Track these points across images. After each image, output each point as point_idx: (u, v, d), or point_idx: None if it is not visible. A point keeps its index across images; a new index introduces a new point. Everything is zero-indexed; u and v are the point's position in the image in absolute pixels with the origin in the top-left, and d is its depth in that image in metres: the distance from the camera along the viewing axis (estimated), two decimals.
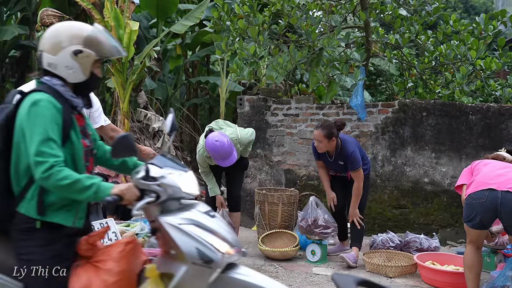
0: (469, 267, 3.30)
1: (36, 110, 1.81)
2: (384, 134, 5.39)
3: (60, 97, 1.88)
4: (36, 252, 1.82)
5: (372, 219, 5.40)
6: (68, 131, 1.88)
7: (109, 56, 1.97)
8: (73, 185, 1.76)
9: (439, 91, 6.25)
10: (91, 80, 1.96)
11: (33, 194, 1.85)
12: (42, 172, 1.74)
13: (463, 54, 5.35)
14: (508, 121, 4.87)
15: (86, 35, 1.90)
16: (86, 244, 1.93)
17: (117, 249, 1.92)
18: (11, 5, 9.35)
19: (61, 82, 1.91)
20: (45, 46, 1.91)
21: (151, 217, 1.92)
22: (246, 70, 5.74)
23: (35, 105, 1.81)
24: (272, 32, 6.06)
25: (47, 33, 1.93)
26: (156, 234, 1.95)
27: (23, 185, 1.86)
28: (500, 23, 5.38)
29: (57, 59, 1.89)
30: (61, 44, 1.88)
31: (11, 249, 1.88)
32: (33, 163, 1.76)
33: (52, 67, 1.90)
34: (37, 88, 1.90)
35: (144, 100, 7.47)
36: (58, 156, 1.78)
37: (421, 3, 5.58)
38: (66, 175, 1.76)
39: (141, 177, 1.87)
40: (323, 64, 5.66)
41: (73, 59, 1.88)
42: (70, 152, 1.89)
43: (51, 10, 6.36)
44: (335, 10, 6.10)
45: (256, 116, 6.05)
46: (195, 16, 7.35)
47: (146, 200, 1.83)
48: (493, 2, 23.98)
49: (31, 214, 1.84)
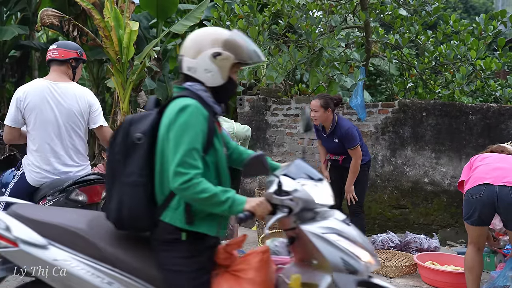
0: (469, 269, 3.29)
1: (183, 117, 1.78)
2: (384, 134, 5.39)
3: (203, 103, 1.86)
4: (181, 264, 1.81)
5: (372, 219, 5.40)
6: (212, 139, 1.85)
7: (247, 60, 1.92)
8: (210, 199, 1.74)
9: (439, 91, 6.25)
10: (229, 85, 1.93)
11: (178, 203, 1.82)
12: (181, 184, 1.72)
13: (463, 54, 5.35)
14: (508, 121, 4.87)
15: (225, 38, 1.88)
16: (224, 252, 1.91)
17: (255, 258, 1.89)
18: (11, 5, 9.35)
19: (203, 87, 1.89)
20: (185, 51, 1.91)
21: (287, 225, 1.90)
22: (246, 70, 5.75)
23: (182, 111, 1.79)
24: (272, 32, 6.06)
25: (188, 38, 1.93)
26: (293, 243, 1.92)
27: (167, 194, 1.84)
28: (500, 23, 5.38)
29: (196, 63, 1.88)
30: (201, 48, 1.87)
31: (149, 257, 1.87)
32: (174, 172, 1.73)
33: (192, 71, 1.89)
34: (181, 93, 1.88)
35: (144, 100, 7.46)
36: (199, 167, 1.76)
37: (421, 3, 5.58)
38: (204, 188, 1.73)
39: (273, 191, 1.84)
40: (323, 64, 5.66)
41: (212, 62, 1.87)
42: (213, 160, 1.87)
43: (51, 10, 6.35)
44: (335, 10, 6.10)
45: (256, 116, 6.05)
46: (195, 16, 7.34)
47: (278, 216, 1.81)
48: (493, 2, 23.98)
49: (177, 223, 1.82)
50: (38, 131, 3.09)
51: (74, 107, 3.17)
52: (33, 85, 3.15)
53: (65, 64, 3.21)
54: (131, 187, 1.84)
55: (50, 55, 3.21)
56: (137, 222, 1.86)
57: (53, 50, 3.21)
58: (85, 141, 3.31)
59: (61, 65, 3.21)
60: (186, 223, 1.81)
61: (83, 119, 3.22)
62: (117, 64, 6.55)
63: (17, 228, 1.90)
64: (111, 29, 6.40)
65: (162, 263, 1.84)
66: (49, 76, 3.20)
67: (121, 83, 6.66)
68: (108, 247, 1.88)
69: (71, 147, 3.17)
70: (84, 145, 3.29)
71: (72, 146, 3.18)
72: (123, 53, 6.47)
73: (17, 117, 3.09)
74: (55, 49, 3.21)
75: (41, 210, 2.25)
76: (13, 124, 3.11)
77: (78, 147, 3.22)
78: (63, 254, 1.87)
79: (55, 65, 3.21)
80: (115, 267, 1.86)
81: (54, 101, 3.10)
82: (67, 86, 3.19)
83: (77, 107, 3.18)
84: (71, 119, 3.16)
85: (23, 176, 3.17)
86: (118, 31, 6.42)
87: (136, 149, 1.85)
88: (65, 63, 3.21)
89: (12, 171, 3.51)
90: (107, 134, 3.39)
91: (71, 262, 1.86)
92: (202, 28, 1.97)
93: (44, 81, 3.17)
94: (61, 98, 3.13)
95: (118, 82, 6.67)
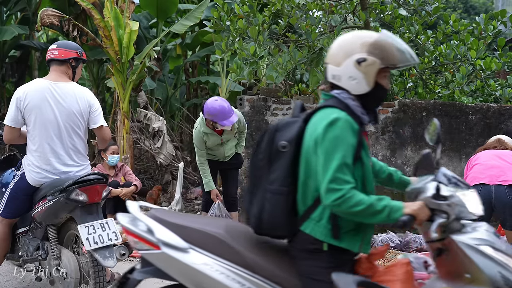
0: None
1: (334, 131, 1.73)
2: (384, 134, 5.39)
3: (351, 113, 1.79)
4: (322, 274, 1.78)
5: None
6: (360, 152, 1.80)
7: (396, 63, 1.80)
8: (366, 210, 1.70)
9: (439, 91, 6.24)
10: (376, 91, 1.82)
11: (320, 215, 1.80)
12: (334, 200, 1.68)
13: (463, 54, 5.35)
14: (508, 121, 4.87)
15: (371, 42, 1.79)
16: (366, 263, 1.87)
17: (401, 270, 1.83)
18: (11, 5, 9.34)
19: (351, 96, 1.82)
20: (330, 58, 1.86)
21: (432, 237, 1.84)
22: (246, 70, 5.74)
23: (332, 125, 1.73)
24: (272, 32, 6.06)
25: (333, 45, 1.87)
26: (440, 255, 1.86)
27: (309, 204, 1.82)
28: (500, 23, 5.38)
29: (340, 70, 1.81)
30: (345, 54, 1.80)
31: (288, 264, 1.87)
32: (326, 189, 1.70)
33: (336, 79, 1.83)
34: (328, 103, 1.82)
35: (144, 100, 7.46)
36: (351, 182, 1.72)
37: (421, 3, 5.58)
38: (358, 200, 1.69)
39: (431, 195, 1.79)
40: (323, 64, 5.66)
41: (356, 69, 1.78)
42: (360, 173, 1.82)
43: (51, 10, 6.35)
44: (335, 10, 6.10)
45: (256, 116, 6.05)
46: (195, 16, 7.34)
47: (439, 220, 1.74)
48: (493, 2, 23.97)
49: (318, 235, 1.79)
50: (38, 131, 3.09)
51: (74, 107, 3.17)
52: (33, 85, 3.15)
53: (65, 64, 3.21)
54: (273, 194, 1.83)
55: (50, 55, 3.21)
56: (276, 229, 1.86)
57: (53, 50, 3.21)
58: (85, 141, 3.31)
59: (61, 65, 3.21)
60: (332, 238, 1.78)
61: (83, 119, 3.22)
62: (117, 64, 6.55)
63: (159, 231, 1.88)
64: (111, 29, 6.40)
65: (303, 272, 1.82)
66: (49, 76, 3.20)
67: (121, 83, 6.66)
68: (248, 253, 1.87)
69: (71, 147, 3.17)
70: (84, 145, 3.29)
71: (72, 146, 3.18)
72: (123, 53, 6.47)
73: (17, 117, 3.09)
74: (55, 49, 3.21)
75: (176, 214, 2.29)
76: (13, 124, 3.11)
77: (78, 147, 3.22)
78: (203, 258, 1.86)
79: (55, 65, 3.21)
80: (255, 273, 1.84)
81: (54, 101, 3.10)
82: (67, 86, 3.19)
83: (77, 107, 3.18)
84: (71, 119, 3.16)
85: (23, 176, 3.17)
86: (118, 31, 6.42)
87: (280, 157, 1.83)
88: (65, 63, 3.21)
89: (12, 171, 3.51)
90: (107, 134, 3.40)
91: (211, 266, 1.84)
92: (347, 33, 1.89)
93: (44, 81, 3.17)
94: (61, 98, 3.13)
95: (118, 82, 6.67)
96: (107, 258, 2.86)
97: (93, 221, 2.94)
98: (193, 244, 1.88)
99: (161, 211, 2.05)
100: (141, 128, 7.34)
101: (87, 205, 2.98)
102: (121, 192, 5.28)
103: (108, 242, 2.91)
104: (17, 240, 3.43)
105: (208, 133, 4.43)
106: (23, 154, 3.30)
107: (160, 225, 1.91)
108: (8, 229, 3.30)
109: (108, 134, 3.41)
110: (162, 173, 7.66)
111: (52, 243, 3.12)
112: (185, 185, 7.58)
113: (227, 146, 4.62)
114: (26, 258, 3.31)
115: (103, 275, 2.97)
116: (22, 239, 3.39)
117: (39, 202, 3.14)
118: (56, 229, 3.18)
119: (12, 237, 3.38)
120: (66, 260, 3.06)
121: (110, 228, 2.97)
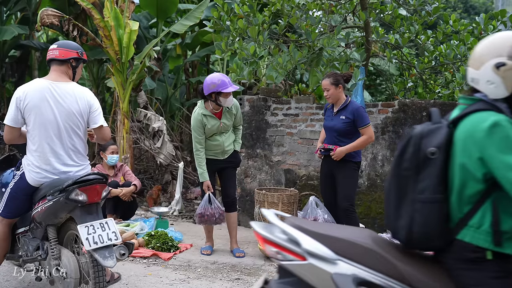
0: None
1: (502, 132, 1.68)
2: (384, 134, 5.39)
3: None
4: (488, 284, 1.71)
5: (372, 219, 5.40)
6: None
7: None
8: None
9: (439, 91, 6.25)
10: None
11: (480, 221, 1.73)
12: None
13: (463, 54, 5.35)
14: None
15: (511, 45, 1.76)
16: None
17: None
18: (11, 5, 9.34)
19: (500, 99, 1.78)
20: (471, 61, 1.84)
21: None
22: (246, 70, 5.75)
23: (496, 127, 1.69)
24: (272, 32, 6.06)
25: (476, 49, 1.85)
26: None
27: (466, 211, 1.76)
28: (500, 23, 5.38)
29: (479, 74, 1.80)
30: (484, 58, 1.79)
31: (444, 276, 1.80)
32: None
33: (475, 82, 1.83)
34: (479, 107, 1.79)
35: (144, 100, 7.46)
36: None
37: (421, 3, 5.58)
38: None
39: None
40: (323, 64, 5.66)
41: (494, 73, 1.76)
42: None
43: (51, 10, 6.35)
44: (335, 10, 6.11)
45: (256, 116, 6.05)
46: (195, 16, 7.35)
47: None
48: (493, 2, 23.96)
49: (480, 243, 1.72)
50: (38, 131, 3.09)
51: (74, 107, 3.17)
52: (33, 85, 3.14)
53: (65, 64, 3.21)
54: (424, 204, 1.78)
55: (50, 55, 3.21)
56: (429, 241, 1.81)
57: (54, 49, 3.21)
58: (85, 141, 3.31)
59: (61, 65, 3.21)
60: (493, 244, 1.71)
61: (83, 119, 3.22)
62: (117, 64, 6.56)
63: (306, 241, 1.82)
64: (111, 29, 6.40)
65: (465, 283, 1.75)
66: (49, 76, 3.20)
67: (121, 83, 6.66)
68: (401, 264, 1.78)
69: (70, 147, 3.17)
70: (84, 145, 3.28)
71: (71, 146, 3.18)
72: (123, 53, 6.47)
73: (17, 116, 3.09)
74: (55, 49, 3.21)
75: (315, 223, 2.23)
76: (13, 124, 3.11)
77: (78, 147, 3.22)
78: (353, 270, 1.78)
79: (55, 64, 3.21)
80: (411, 286, 1.75)
81: (54, 101, 3.10)
82: (67, 86, 3.19)
83: (77, 107, 3.18)
84: (70, 119, 3.16)
85: (23, 176, 3.17)
86: (118, 31, 6.42)
87: (429, 164, 1.78)
88: (65, 63, 3.21)
89: (12, 171, 3.51)
90: (107, 134, 3.39)
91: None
92: (489, 37, 1.86)
93: (44, 81, 3.17)
94: (61, 98, 3.13)
95: (118, 82, 6.67)
96: (107, 258, 2.85)
97: (93, 221, 2.94)
98: (341, 255, 1.81)
99: (300, 220, 1.99)
100: (141, 128, 7.34)
101: (87, 205, 2.97)
102: (121, 192, 5.28)
103: (108, 242, 2.91)
104: (17, 240, 3.43)
105: (208, 116, 4.46)
106: (23, 154, 3.30)
107: (305, 235, 1.84)
108: (8, 229, 3.30)
109: (108, 134, 3.41)
110: (162, 173, 7.67)
111: (52, 243, 3.11)
112: (185, 185, 7.59)
113: (226, 139, 4.59)
114: (26, 258, 3.30)
115: (103, 275, 2.96)
116: (22, 239, 3.39)
117: (39, 202, 3.14)
118: (56, 229, 3.17)
119: (12, 237, 3.38)
120: (66, 260, 3.06)
121: (109, 228, 2.97)
